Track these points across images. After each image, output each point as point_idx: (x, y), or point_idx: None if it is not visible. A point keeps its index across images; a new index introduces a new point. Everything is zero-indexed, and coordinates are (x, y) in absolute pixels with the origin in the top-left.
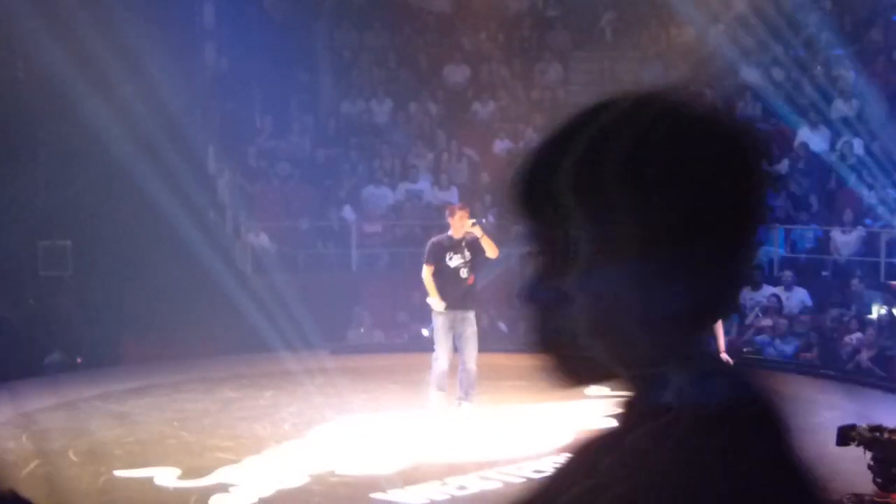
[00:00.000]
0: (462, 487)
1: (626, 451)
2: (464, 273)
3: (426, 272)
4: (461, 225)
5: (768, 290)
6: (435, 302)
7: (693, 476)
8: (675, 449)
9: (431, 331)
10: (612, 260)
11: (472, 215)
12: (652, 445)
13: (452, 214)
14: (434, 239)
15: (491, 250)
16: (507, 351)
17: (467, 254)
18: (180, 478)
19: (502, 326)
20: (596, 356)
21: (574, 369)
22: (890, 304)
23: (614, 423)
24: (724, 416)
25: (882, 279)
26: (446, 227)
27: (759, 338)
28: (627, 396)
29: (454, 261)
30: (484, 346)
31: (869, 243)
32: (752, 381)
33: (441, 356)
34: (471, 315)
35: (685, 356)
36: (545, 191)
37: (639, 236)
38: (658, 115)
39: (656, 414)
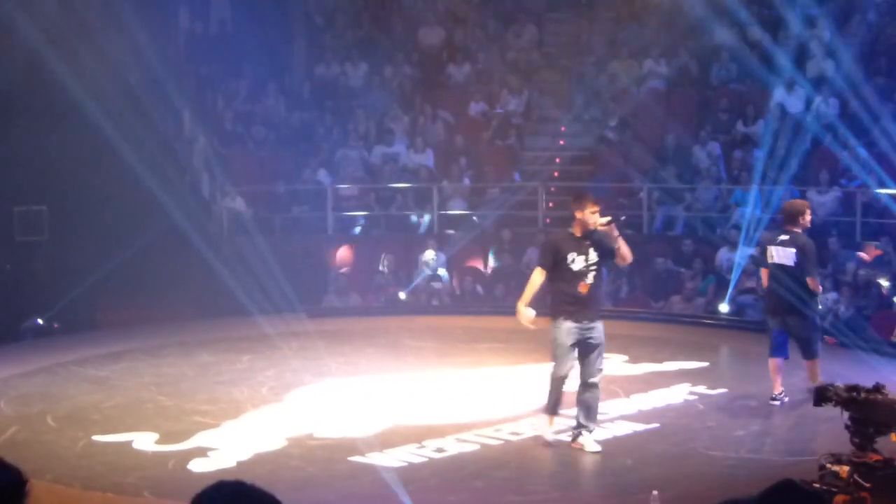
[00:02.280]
0: (440, 450)
1: None
2: (589, 278)
3: (537, 275)
4: (591, 221)
5: (746, 250)
6: (524, 314)
7: None
8: None
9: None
10: None
11: (453, 179)
12: None
13: (581, 207)
14: (552, 236)
15: (623, 256)
16: (483, 313)
17: (593, 255)
18: (158, 442)
19: (479, 289)
20: None
21: None
22: (864, 267)
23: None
24: None
25: (858, 239)
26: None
27: (743, 298)
28: None
29: (577, 263)
30: (461, 310)
31: (845, 203)
32: None
33: (562, 372)
34: (598, 325)
35: None
36: None
37: None
38: None
39: None
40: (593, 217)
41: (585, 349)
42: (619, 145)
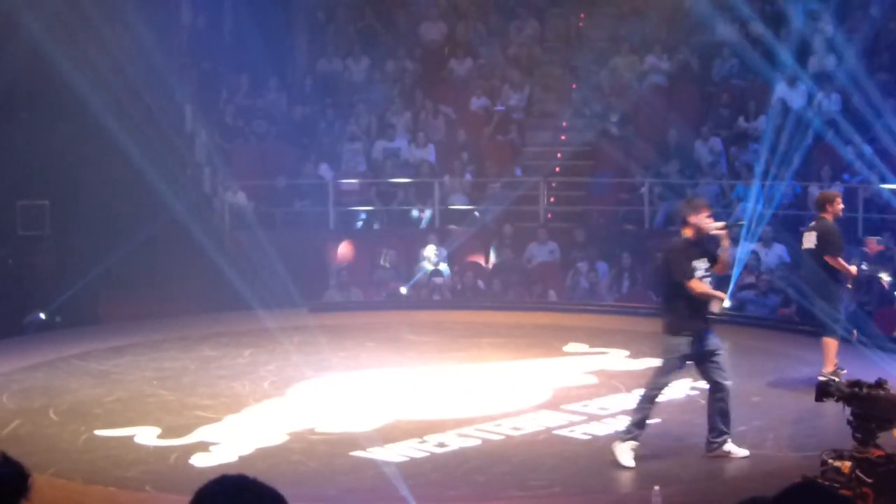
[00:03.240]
0: (441, 445)
1: None
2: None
3: (697, 284)
4: (705, 225)
5: (747, 246)
6: (719, 295)
7: None
8: None
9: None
10: None
11: (454, 174)
12: None
13: (697, 211)
14: (676, 244)
15: (724, 264)
16: (484, 308)
17: (707, 262)
18: (160, 436)
19: (480, 284)
20: None
21: None
22: (866, 262)
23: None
24: None
25: (860, 234)
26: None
27: (743, 294)
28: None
29: (699, 271)
30: (462, 305)
31: (847, 199)
32: None
33: (664, 389)
34: (713, 327)
35: None
36: None
37: None
38: None
39: None
40: (707, 221)
41: (711, 356)
42: (620, 140)
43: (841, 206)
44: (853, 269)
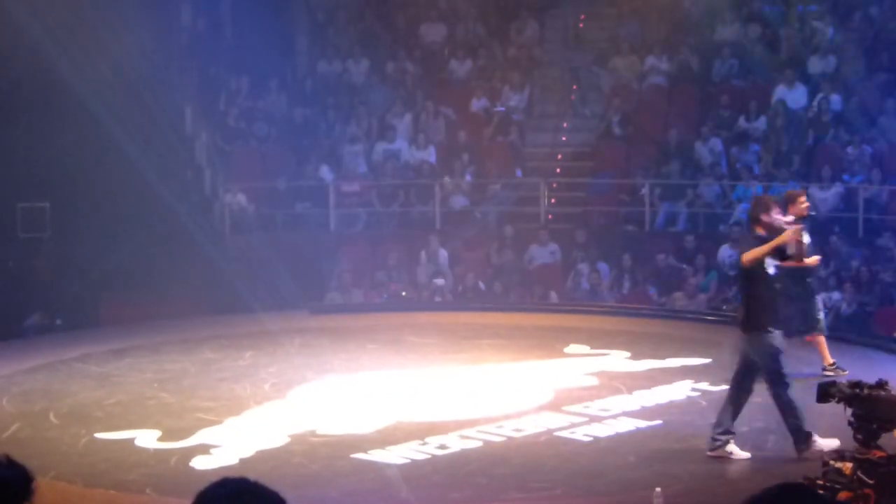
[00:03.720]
0: (442, 447)
1: None
2: (777, 284)
3: (757, 251)
4: (777, 222)
5: None
6: (791, 237)
7: None
8: None
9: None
10: None
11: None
12: None
13: (767, 210)
14: (750, 243)
15: (802, 254)
16: (485, 310)
17: (778, 259)
18: (161, 439)
19: (480, 285)
20: None
21: None
22: (868, 262)
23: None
24: None
25: (860, 235)
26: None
27: None
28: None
29: (771, 268)
30: (463, 306)
31: (847, 199)
32: None
33: (789, 379)
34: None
35: None
36: None
37: None
38: None
39: None
40: (779, 218)
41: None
42: (620, 141)
43: (805, 205)
44: (813, 259)
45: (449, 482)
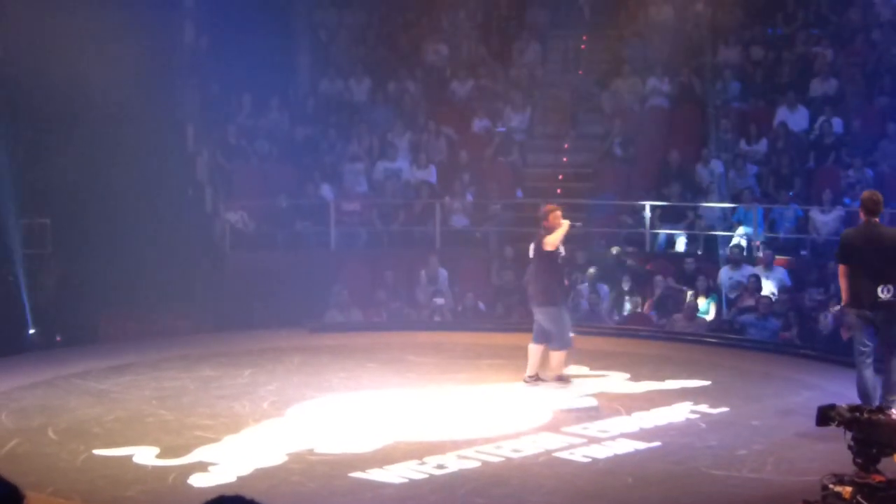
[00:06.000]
0: (440, 466)
1: None
2: None
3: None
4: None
5: (748, 269)
6: None
7: None
8: None
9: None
10: None
11: (455, 195)
12: None
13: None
14: (846, 231)
15: None
16: (485, 330)
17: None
18: (159, 456)
19: (481, 306)
20: None
21: None
22: None
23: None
24: None
25: None
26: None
27: (743, 317)
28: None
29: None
30: (463, 326)
31: (848, 223)
32: None
33: (865, 348)
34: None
35: None
36: None
37: None
38: None
39: None
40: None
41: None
42: (621, 163)
43: (559, 219)
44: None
45: (446, 502)
